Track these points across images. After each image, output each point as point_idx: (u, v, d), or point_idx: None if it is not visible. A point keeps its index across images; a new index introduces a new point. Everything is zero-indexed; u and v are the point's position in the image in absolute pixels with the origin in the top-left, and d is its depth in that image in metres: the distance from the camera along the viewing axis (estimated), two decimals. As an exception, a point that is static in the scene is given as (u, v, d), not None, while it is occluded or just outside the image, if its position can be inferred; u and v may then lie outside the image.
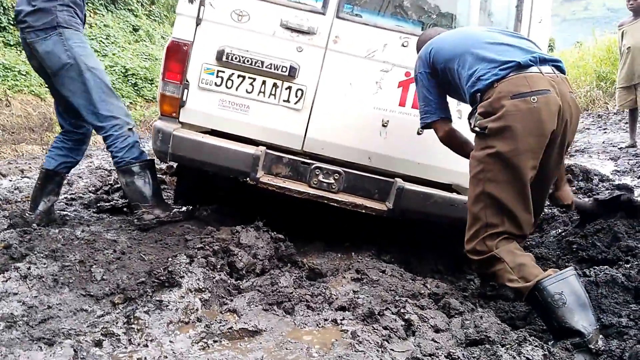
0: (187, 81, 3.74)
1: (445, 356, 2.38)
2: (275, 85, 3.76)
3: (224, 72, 3.75)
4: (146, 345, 2.36)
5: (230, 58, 3.69)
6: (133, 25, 15.50)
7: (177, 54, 3.71)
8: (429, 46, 3.27)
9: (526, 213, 2.92)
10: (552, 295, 2.68)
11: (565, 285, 2.71)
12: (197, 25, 3.69)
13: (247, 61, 3.70)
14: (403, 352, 2.48)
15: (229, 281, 3.07)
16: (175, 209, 4.08)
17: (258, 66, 3.70)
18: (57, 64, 3.72)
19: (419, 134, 3.71)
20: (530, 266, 2.82)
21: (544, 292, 2.70)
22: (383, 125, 3.78)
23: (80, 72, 3.74)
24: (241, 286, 3.09)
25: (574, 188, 5.99)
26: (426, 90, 3.29)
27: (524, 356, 2.35)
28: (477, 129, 2.95)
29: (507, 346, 2.44)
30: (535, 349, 2.42)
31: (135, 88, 12.41)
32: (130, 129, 3.91)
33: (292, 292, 2.94)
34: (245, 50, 3.70)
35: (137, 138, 3.97)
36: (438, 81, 3.28)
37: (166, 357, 2.22)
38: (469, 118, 3.12)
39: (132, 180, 3.91)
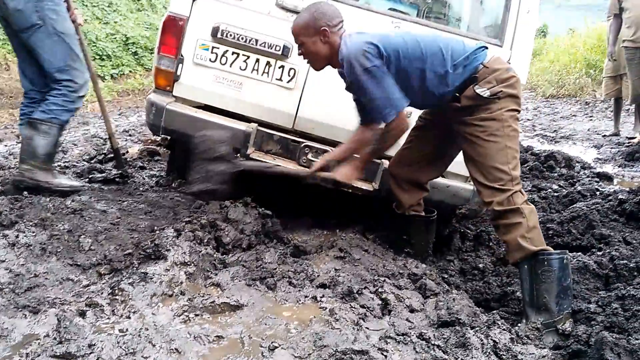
0: (182, 56, 3.76)
1: (417, 336, 2.46)
2: (268, 63, 3.78)
3: (218, 48, 3.77)
4: (128, 317, 2.39)
5: (225, 35, 3.72)
6: (136, -6, 15.39)
7: (173, 29, 3.73)
8: (371, 41, 3.08)
9: None
10: (545, 269, 2.83)
11: (559, 265, 2.86)
12: (193, 0, 3.71)
13: (242, 39, 3.72)
14: (377, 330, 2.55)
15: (214, 255, 3.09)
16: (65, 181, 4.04)
17: (252, 44, 3.73)
18: (25, 24, 3.68)
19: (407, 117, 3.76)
20: (540, 233, 2.98)
21: (539, 263, 2.86)
22: (372, 107, 3.81)
23: (48, 34, 3.73)
24: (226, 261, 3.12)
25: (555, 175, 6.09)
26: (389, 78, 3.11)
27: (491, 338, 2.43)
28: (486, 95, 3.05)
29: (476, 328, 2.53)
30: (503, 332, 2.51)
31: (136, 57, 12.36)
32: (79, 98, 3.93)
33: (275, 268, 2.99)
34: (240, 28, 3.72)
35: (75, 110, 4.00)
36: None
37: (147, 329, 2.24)
38: (458, 96, 3.14)
39: (34, 135, 3.81)
